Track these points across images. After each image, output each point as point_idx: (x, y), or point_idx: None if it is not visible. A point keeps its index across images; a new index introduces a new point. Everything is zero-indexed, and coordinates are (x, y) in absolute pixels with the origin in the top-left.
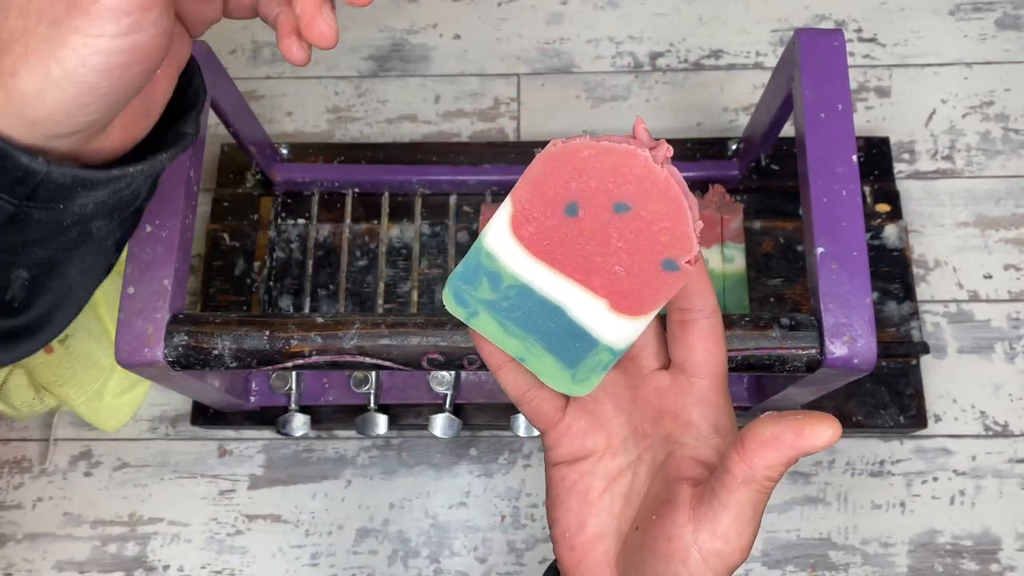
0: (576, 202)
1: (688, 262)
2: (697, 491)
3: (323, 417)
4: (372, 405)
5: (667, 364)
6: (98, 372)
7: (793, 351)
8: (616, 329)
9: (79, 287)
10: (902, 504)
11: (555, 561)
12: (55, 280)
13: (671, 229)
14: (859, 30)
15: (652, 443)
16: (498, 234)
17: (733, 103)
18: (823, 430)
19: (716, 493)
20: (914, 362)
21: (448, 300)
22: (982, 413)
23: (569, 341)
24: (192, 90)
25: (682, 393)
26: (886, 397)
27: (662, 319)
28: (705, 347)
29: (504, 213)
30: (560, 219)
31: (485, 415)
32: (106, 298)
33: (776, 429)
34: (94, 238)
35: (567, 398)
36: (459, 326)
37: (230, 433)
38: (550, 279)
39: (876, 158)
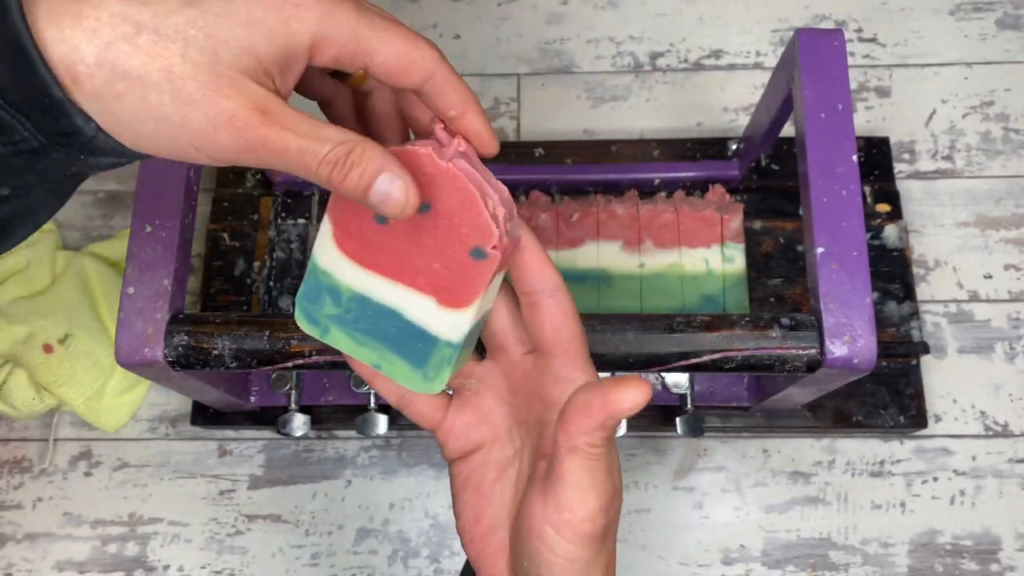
0: None
1: (494, 247)
2: (545, 467)
3: (323, 417)
4: (372, 405)
5: (533, 348)
6: (98, 372)
7: (793, 351)
8: (448, 323)
9: (41, 206)
10: (902, 504)
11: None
12: (21, 197)
13: (470, 219)
14: (859, 30)
15: (530, 428)
16: (326, 251)
17: (733, 103)
18: (628, 393)
19: (553, 466)
20: (914, 362)
21: (300, 320)
22: (982, 413)
23: (412, 342)
24: None
25: (542, 373)
26: (886, 397)
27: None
28: (552, 325)
29: (326, 230)
30: (374, 228)
31: None
32: (106, 298)
33: (587, 396)
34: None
35: (449, 397)
36: None
37: (230, 433)
38: (382, 285)
39: (876, 158)
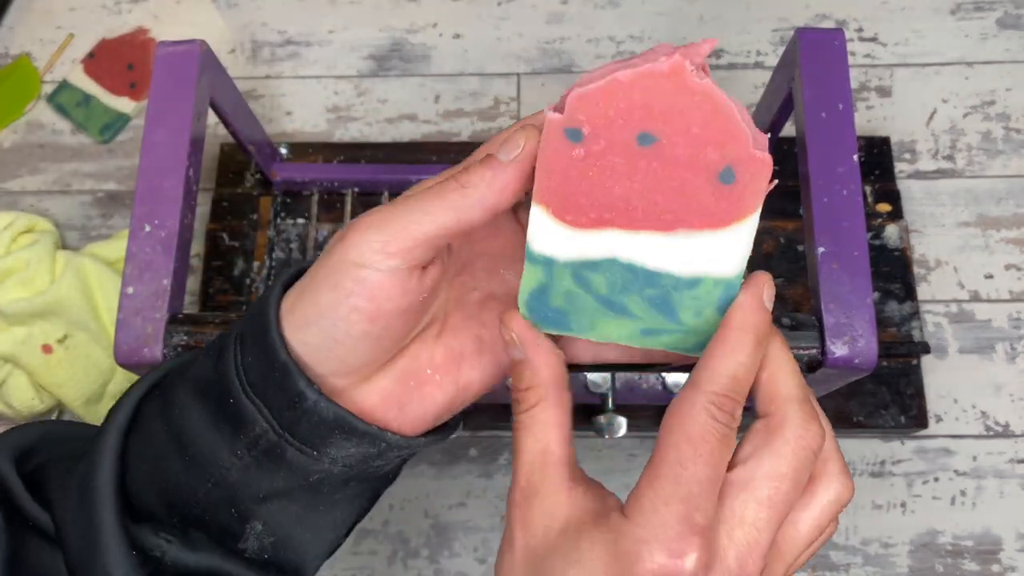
0: (648, 131)
1: (757, 157)
2: None
3: None
4: None
5: None
6: (97, 373)
7: (794, 351)
8: (717, 255)
9: (313, 550)
10: (903, 504)
11: None
12: (286, 546)
13: (722, 138)
14: (860, 29)
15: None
16: (543, 232)
17: None
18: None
19: None
20: (915, 362)
21: (535, 324)
22: (983, 413)
23: (675, 296)
24: None
25: None
26: (887, 397)
27: None
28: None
29: (538, 213)
30: (593, 183)
31: (485, 415)
32: (105, 298)
33: None
34: (332, 505)
35: None
36: None
37: None
38: (623, 241)
39: (877, 158)
